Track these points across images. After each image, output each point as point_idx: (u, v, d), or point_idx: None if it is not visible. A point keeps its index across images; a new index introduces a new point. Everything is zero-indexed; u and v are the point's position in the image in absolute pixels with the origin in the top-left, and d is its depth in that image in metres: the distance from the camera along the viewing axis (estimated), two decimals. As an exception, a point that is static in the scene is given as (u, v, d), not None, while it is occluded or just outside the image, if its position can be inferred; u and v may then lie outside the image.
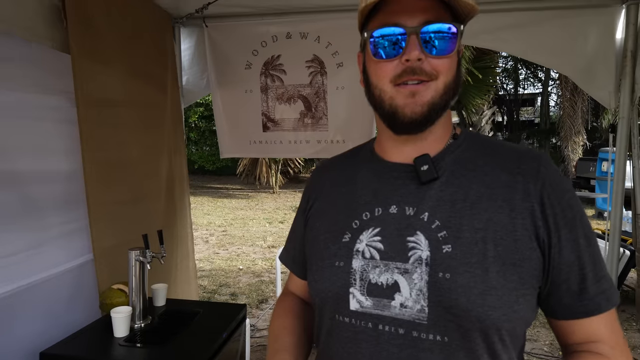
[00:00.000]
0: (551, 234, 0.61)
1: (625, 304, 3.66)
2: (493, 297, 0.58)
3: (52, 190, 1.50)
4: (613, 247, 2.11)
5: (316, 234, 0.75)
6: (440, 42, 0.62)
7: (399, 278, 0.62)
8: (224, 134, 2.47)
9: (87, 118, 1.52)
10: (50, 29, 1.42)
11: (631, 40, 1.95)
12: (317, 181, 0.82)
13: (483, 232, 0.61)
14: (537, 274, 0.62)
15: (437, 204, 0.65)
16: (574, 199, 0.64)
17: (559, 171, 0.66)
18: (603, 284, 0.63)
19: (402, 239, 0.64)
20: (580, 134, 10.48)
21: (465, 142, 0.70)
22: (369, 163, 0.75)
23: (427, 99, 0.62)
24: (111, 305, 1.46)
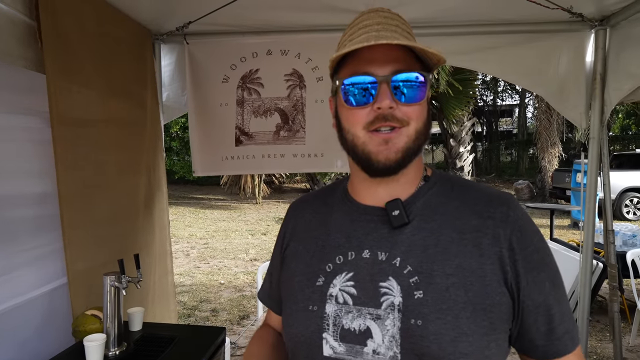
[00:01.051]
0: (520, 277, 0.63)
1: (599, 315, 3.76)
2: (464, 343, 0.59)
3: (25, 212, 1.45)
4: (586, 260, 2.17)
5: (291, 275, 0.75)
6: (410, 91, 0.64)
7: (371, 324, 0.63)
8: (196, 152, 2.39)
9: (62, 138, 1.48)
10: (24, 48, 1.39)
11: (600, 63, 2.03)
12: (292, 220, 0.82)
13: (454, 278, 0.62)
14: (507, 317, 0.63)
15: (409, 249, 0.65)
16: (541, 242, 0.67)
17: (527, 214, 0.68)
18: (567, 324, 0.65)
19: (374, 284, 0.64)
20: (556, 145, 10.82)
21: (437, 185, 0.72)
22: (342, 205, 0.76)
23: (400, 145, 0.64)
24: (84, 332, 1.41)
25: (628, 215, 9.17)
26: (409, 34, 0.69)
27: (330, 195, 0.80)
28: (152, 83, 2.18)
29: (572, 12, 1.91)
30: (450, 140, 14.26)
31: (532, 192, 12.69)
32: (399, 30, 0.66)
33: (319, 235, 0.74)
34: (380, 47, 0.63)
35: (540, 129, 10.89)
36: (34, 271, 1.49)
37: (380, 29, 0.65)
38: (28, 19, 1.41)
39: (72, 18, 1.55)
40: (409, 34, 0.69)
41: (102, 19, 1.76)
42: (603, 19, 2.00)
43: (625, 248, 3.55)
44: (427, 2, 1.94)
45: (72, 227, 1.53)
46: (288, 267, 0.77)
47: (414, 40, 0.67)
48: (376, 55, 0.64)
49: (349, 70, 0.67)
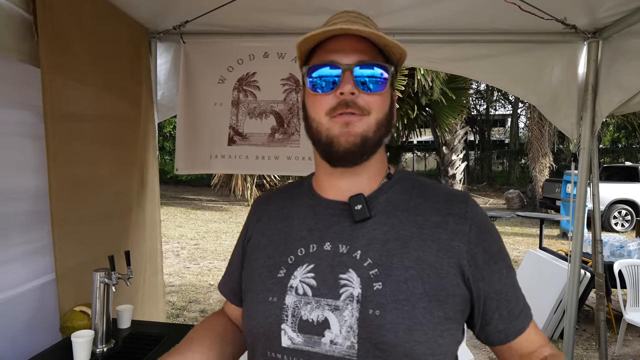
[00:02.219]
0: (480, 269, 0.67)
1: (586, 324, 3.80)
2: (419, 332, 0.62)
3: (14, 207, 1.43)
4: (574, 270, 2.20)
5: (253, 267, 0.76)
6: (372, 80, 0.67)
7: (329, 315, 0.64)
8: (181, 149, 2.34)
9: (55, 133, 1.47)
10: (19, 42, 1.38)
11: (592, 75, 2.07)
12: (256, 214, 0.83)
13: (412, 270, 0.65)
14: (462, 309, 0.67)
15: (369, 242, 0.68)
16: (496, 235, 0.72)
17: (483, 211, 0.73)
18: (521, 303, 0.72)
19: (334, 276, 0.66)
20: (547, 155, 10.95)
21: (399, 183, 0.74)
22: (306, 199, 0.77)
23: (359, 130, 0.66)
24: (72, 328, 1.40)
25: (616, 227, 9.29)
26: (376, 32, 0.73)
27: (295, 190, 0.81)
28: (147, 81, 2.18)
29: (565, 24, 1.94)
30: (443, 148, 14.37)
31: (523, 201, 12.81)
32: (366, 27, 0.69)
33: (282, 228, 0.76)
34: (346, 40, 0.67)
35: (532, 139, 11.01)
36: (24, 266, 1.47)
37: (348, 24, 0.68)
38: (25, 13, 1.41)
39: (69, 13, 1.55)
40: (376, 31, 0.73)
41: (99, 15, 1.75)
42: (596, 31, 2.04)
43: (613, 258, 3.59)
44: (424, 10, 1.96)
45: (62, 223, 1.52)
46: (250, 259, 0.78)
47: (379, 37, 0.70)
48: (342, 46, 0.68)
49: (316, 59, 0.70)
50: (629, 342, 3.48)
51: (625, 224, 9.29)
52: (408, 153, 24.05)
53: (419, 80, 7.27)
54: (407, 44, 2.43)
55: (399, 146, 21.48)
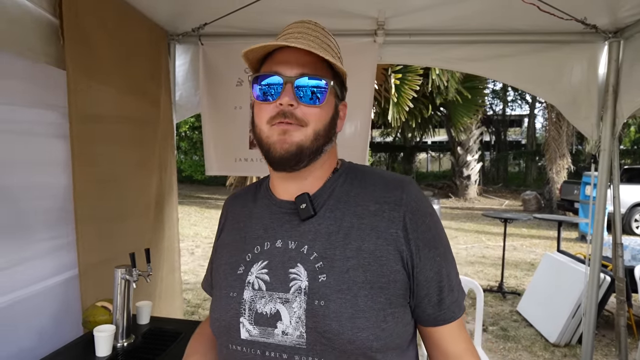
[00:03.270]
0: (413, 255, 0.70)
1: (605, 329, 3.71)
2: (361, 319, 0.65)
3: (41, 204, 1.49)
4: (593, 273, 2.16)
5: (218, 265, 0.81)
6: (312, 93, 0.70)
7: (280, 307, 0.69)
8: (210, 151, 2.44)
9: (79, 134, 1.52)
10: (47, 45, 1.43)
11: (613, 75, 2.03)
12: (224, 214, 0.88)
13: (353, 260, 0.68)
14: (404, 292, 0.70)
15: (315, 237, 0.72)
16: (432, 221, 0.73)
17: (420, 196, 0.74)
18: (455, 294, 0.73)
19: (285, 271, 0.71)
20: (565, 157, 10.72)
21: (342, 176, 0.78)
22: (264, 199, 0.82)
23: (295, 139, 0.70)
24: (94, 323, 1.44)
25: (637, 230, 9.04)
26: (328, 47, 0.75)
27: (257, 190, 0.85)
28: (166, 82, 2.22)
29: (586, 24, 1.91)
30: (457, 148, 14.21)
31: (540, 203, 12.57)
32: (317, 41, 0.72)
33: (243, 227, 0.81)
34: (292, 52, 0.71)
35: (549, 140, 10.80)
36: (49, 261, 1.52)
37: (299, 37, 0.72)
38: (52, 17, 1.45)
39: (94, 17, 1.60)
40: (329, 46, 0.75)
41: (122, 19, 1.80)
42: (617, 31, 2.01)
43: (634, 262, 3.50)
44: (441, 11, 1.95)
45: (85, 221, 1.57)
46: (217, 257, 0.83)
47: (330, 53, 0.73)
48: (288, 58, 0.71)
49: (264, 69, 0.74)
50: (650, 349, 3.39)
51: (647, 228, 9.03)
52: (422, 153, 23.84)
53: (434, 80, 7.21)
54: (423, 44, 2.41)
55: (412, 146, 21.35)
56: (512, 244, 7.63)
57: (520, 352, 3.30)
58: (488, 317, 4.03)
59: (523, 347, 3.37)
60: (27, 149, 1.43)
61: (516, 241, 7.93)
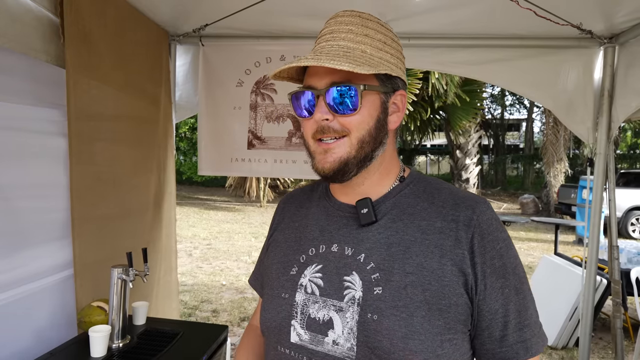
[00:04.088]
0: (478, 281, 0.64)
1: (602, 332, 3.72)
2: (415, 341, 0.60)
3: (39, 203, 1.48)
4: (590, 276, 2.17)
5: (271, 263, 0.80)
6: (345, 102, 0.66)
7: (334, 315, 0.66)
8: (204, 150, 2.42)
9: (78, 132, 1.52)
10: (47, 43, 1.43)
11: (608, 80, 2.05)
12: (279, 212, 0.87)
13: (413, 277, 0.64)
14: (465, 318, 0.64)
15: (373, 246, 0.68)
16: (505, 249, 0.67)
17: (494, 219, 0.68)
18: (525, 333, 0.65)
19: (339, 278, 0.68)
20: (562, 161, 10.76)
21: (410, 187, 0.74)
22: (322, 200, 0.80)
23: (339, 155, 0.67)
24: (90, 323, 1.43)
25: (634, 234, 9.08)
26: (366, 37, 0.69)
27: (314, 191, 0.84)
28: (166, 82, 2.23)
29: (581, 29, 1.93)
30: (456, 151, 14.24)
31: (538, 206, 12.61)
32: (349, 38, 0.68)
33: (298, 227, 0.79)
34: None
35: (547, 144, 10.85)
36: (45, 260, 1.51)
37: (329, 38, 0.69)
38: (52, 16, 1.46)
39: (95, 17, 1.60)
40: (366, 36, 0.69)
41: (123, 19, 1.80)
42: (612, 36, 2.03)
43: (630, 265, 3.52)
44: (439, 15, 1.97)
45: (82, 220, 1.56)
46: (269, 255, 0.82)
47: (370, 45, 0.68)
48: (317, 69, 0.68)
49: (303, 84, 0.72)
50: (646, 353, 3.40)
51: (644, 232, 9.06)
52: (421, 156, 23.90)
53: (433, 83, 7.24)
54: (422, 47, 2.43)
55: (412, 149, 21.41)
56: (510, 247, 7.64)
57: None
58: (485, 320, 4.03)
59: None
60: (24, 147, 1.43)
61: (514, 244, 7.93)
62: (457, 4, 1.86)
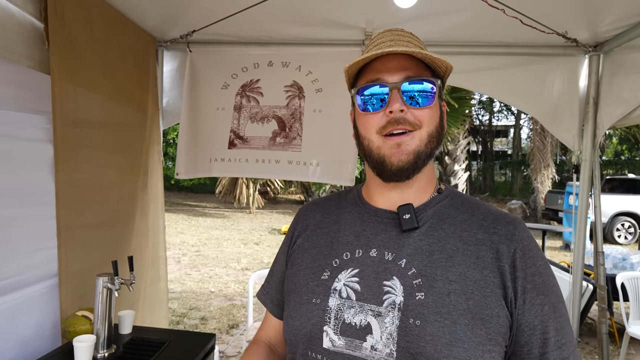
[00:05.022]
0: (517, 295, 0.64)
1: (588, 337, 3.77)
2: (459, 348, 0.60)
3: (24, 211, 1.45)
4: (576, 281, 2.19)
5: (297, 270, 0.77)
6: (420, 95, 0.68)
7: (372, 320, 0.65)
8: (181, 154, 2.34)
9: (63, 139, 1.49)
10: (31, 49, 1.41)
11: (593, 88, 2.09)
12: (302, 219, 0.84)
13: (456, 285, 0.64)
14: (505, 331, 0.64)
15: (415, 252, 0.68)
16: (544, 267, 0.67)
17: (532, 239, 0.70)
18: (564, 352, 0.65)
19: (378, 282, 0.67)
20: (549, 167, 10.95)
21: (448, 199, 0.75)
22: (355, 206, 0.79)
23: (412, 147, 0.68)
24: (74, 333, 1.40)
25: (619, 239, 9.24)
26: (421, 48, 0.73)
27: (342, 199, 0.83)
28: (153, 88, 2.21)
29: (566, 37, 1.97)
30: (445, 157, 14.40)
31: (525, 212, 12.78)
32: (410, 45, 0.70)
33: (329, 232, 0.77)
34: (391, 59, 0.69)
35: (534, 150, 11.03)
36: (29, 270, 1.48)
37: (392, 44, 0.70)
38: (36, 21, 1.44)
39: (80, 22, 1.58)
40: (421, 47, 0.73)
41: (109, 24, 1.79)
42: (597, 45, 2.07)
43: (616, 271, 3.57)
44: (428, 22, 1.99)
45: (67, 228, 1.53)
46: (294, 262, 0.79)
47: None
48: (388, 65, 0.69)
49: (364, 80, 0.71)
50: (631, 356, 3.45)
51: (629, 237, 9.24)
52: (410, 162, 24.05)
53: (422, 90, 7.32)
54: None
55: (401, 155, 21.51)
56: (498, 252, 7.71)
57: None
58: (474, 325, 4.04)
59: None
60: (9, 154, 1.40)
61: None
62: (444, 11, 1.89)
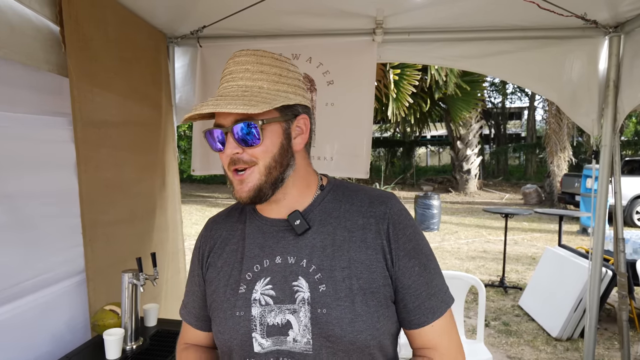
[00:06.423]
0: (394, 263, 0.77)
1: (607, 323, 3.73)
2: (359, 322, 0.73)
3: (50, 210, 1.50)
4: (595, 268, 2.17)
5: (215, 288, 0.84)
6: (249, 136, 0.74)
7: (290, 317, 0.75)
8: (198, 150, 2.39)
9: (84, 139, 1.53)
10: (48, 53, 1.44)
11: (613, 70, 2.03)
12: (209, 239, 0.90)
13: (348, 270, 0.76)
14: (391, 295, 0.78)
15: (311, 250, 0.78)
16: (413, 234, 0.80)
17: (402, 210, 0.81)
18: (432, 301, 0.78)
19: (288, 284, 0.77)
20: (565, 149, 10.71)
21: (331, 193, 0.84)
22: (253, 220, 0.86)
23: (252, 184, 0.75)
24: (103, 326, 1.46)
25: (639, 222, 9.06)
26: (262, 73, 0.76)
27: (241, 213, 0.90)
28: (166, 85, 2.23)
29: (586, 19, 1.91)
30: (457, 142, 14.18)
31: (541, 196, 12.58)
32: (246, 77, 0.75)
33: (237, 249, 0.84)
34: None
35: (550, 132, 10.79)
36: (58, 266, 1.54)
37: (229, 79, 0.77)
38: (52, 25, 1.46)
39: (94, 23, 1.60)
40: (262, 72, 0.76)
41: (121, 24, 1.80)
42: (617, 25, 2.00)
43: (636, 256, 3.52)
44: (441, 8, 1.95)
45: (92, 226, 1.58)
46: (211, 281, 0.85)
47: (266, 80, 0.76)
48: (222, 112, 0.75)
49: (215, 120, 0.78)
50: (652, 341, 3.42)
51: (648, 219, 9.04)
52: (421, 148, 23.82)
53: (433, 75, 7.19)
54: (422, 42, 2.40)
55: (412, 141, 21.31)
56: (513, 238, 7.65)
57: (522, 347, 3.32)
58: (490, 312, 4.05)
59: (525, 342, 3.40)
60: (33, 155, 1.45)
61: (517, 235, 7.95)
62: (458, -3, 1.85)
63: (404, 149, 21.57)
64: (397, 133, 20.25)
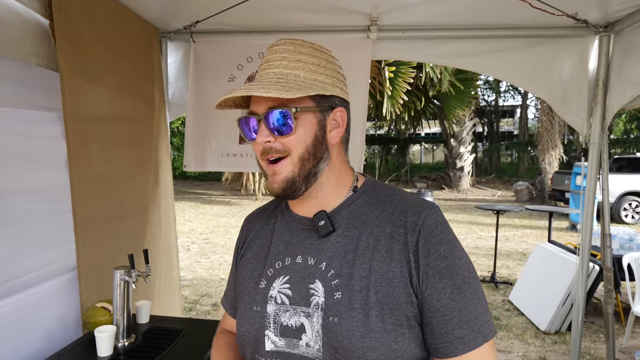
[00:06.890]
0: (420, 282, 0.69)
1: (594, 316, 3.81)
2: (372, 339, 0.67)
3: (41, 207, 1.49)
4: (582, 263, 2.21)
5: (241, 280, 0.85)
6: (282, 125, 0.72)
7: (304, 320, 0.72)
8: (190, 147, 2.36)
9: (75, 135, 1.51)
10: (38, 47, 1.42)
11: (603, 70, 2.06)
12: (245, 232, 0.91)
13: (366, 280, 0.70)
14: (415, 314, 0.70)
15: (332, 254, 0.74)
16: (449, 251, 0.71)
17: (439, 224, 0.72)
18: (464, 330, 0.68)
19: (305, 286, 0.74)
20: (556, 147, 10.83)
21: (363, 196, 0.79)
22: (284, 215, 0.85)
23: (284, 175, 0.73)
24: (95, 324, 1.45)
25: (626, 219, 9.21)
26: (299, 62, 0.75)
27: (276, 208, 0.89)
28: (159, 80, 2.21)
29: (577, 19, 1.93)
30: (451, 140, 14.27)
31: (532, 193, 12.72)
32: (282, 65, 0.74)
33: (265, 243, 0.84)
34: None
35: (542, 130, 10.90)
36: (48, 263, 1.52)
37: (265, 67, 0.75)
38: (42, 18, 1.44)
39: (84, 17, 1.58)
40: (299, 61, 0.75)
41: (113, 18, 1.78)
42: (607, 25, 2.03)
43: (622, 252, 3.58)
44: (436, 6, 1.96)
45: (84, 222, 1.57)
46: (240, 272, 0.86)
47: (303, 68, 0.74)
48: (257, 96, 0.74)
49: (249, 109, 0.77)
50: (637, 335, 3.49)
51: (636, 216, 9.20)
52: (416, 145, 23.91)
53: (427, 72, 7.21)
54: (416, 40, 2.41)
55: (406, 138, 21.39)
56: (505, 234, 7.74)
57: (512, 340, 3.38)
58: (481, 307, 4.10)
59: (515, 335, 3.45)
60: (22, 151, 1.43)
61: (508, 231, 8.04)
62: (452, -5, 1.86)
63: (398, 146, 21.64)
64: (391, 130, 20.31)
